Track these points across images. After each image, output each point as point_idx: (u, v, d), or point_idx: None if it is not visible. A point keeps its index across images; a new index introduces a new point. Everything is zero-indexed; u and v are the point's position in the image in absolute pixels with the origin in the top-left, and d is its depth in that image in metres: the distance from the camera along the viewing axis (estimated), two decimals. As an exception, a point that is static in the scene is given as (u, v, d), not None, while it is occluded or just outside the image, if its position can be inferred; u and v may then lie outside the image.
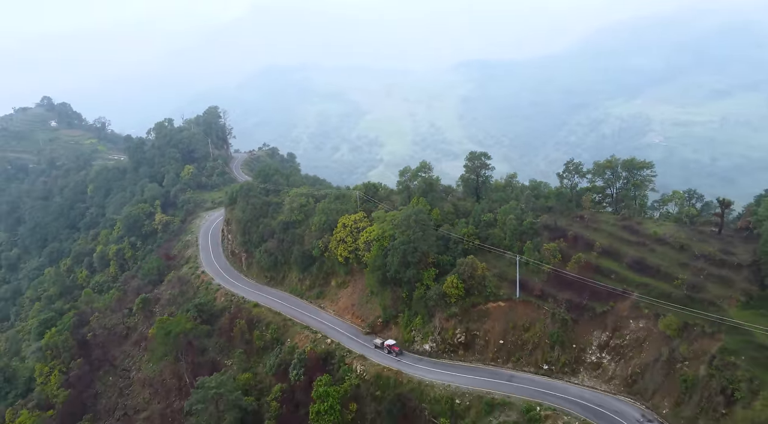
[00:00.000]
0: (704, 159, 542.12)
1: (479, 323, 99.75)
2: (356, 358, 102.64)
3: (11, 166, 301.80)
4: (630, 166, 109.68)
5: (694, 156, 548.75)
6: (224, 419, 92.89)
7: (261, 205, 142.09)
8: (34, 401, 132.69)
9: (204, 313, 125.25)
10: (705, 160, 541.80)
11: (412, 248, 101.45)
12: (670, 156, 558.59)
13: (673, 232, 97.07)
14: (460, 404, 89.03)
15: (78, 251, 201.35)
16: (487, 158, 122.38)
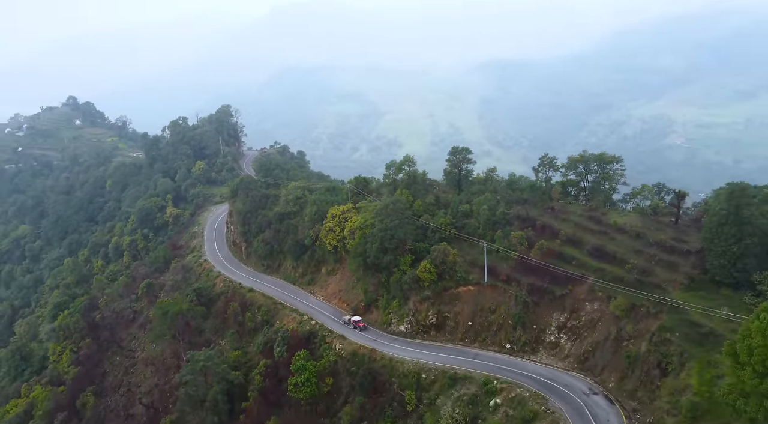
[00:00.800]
0: (727, 161, 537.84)
1: (450, 305, 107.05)
2: (336, 337, 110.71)
3: (37, 163, 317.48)
4: (600, 160, 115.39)
5: (717, 158, 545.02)
6: (212, 388, 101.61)
7: (260, 197, 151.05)
8: (47, 377, 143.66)
9: (202, 297, 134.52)
10: (728, 162, 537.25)
11: (389, 235, 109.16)
12: (692, 158, 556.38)
13: (633, 222, 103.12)
14: (426, 378, 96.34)
15: (94, 242, 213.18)
16: (468, 153, 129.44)
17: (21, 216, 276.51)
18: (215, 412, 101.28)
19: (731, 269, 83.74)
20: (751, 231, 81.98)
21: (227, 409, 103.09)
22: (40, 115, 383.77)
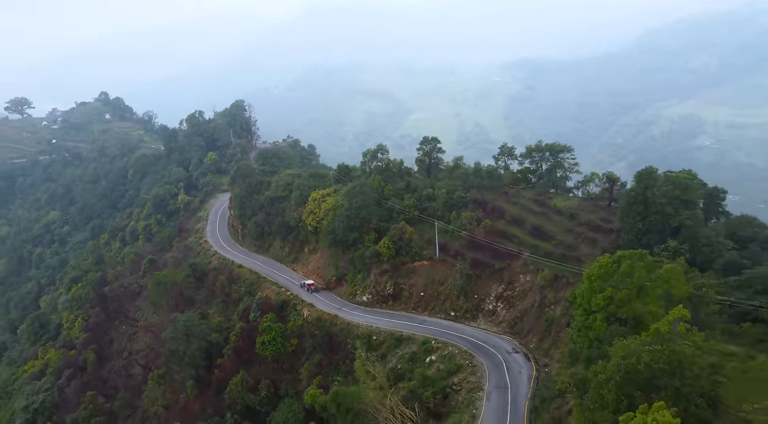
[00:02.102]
0: (759, 163, 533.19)
1: (406, 278, 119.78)
2: (306, 305, 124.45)
3: (68, 154, 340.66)
4: (552, 149, 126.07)
5: (748, 160, 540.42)
6: (191, 345, 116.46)
7: (255, 183, 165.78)
8: (61, 342, 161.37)
9: (197, 271, 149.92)
10: (760, 164, 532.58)
11: (354, 214, 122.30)
12: (721, 159, 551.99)
13: (572, 205, 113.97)
14: (376, 339, 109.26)
15: (114, 227, 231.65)
16: (437, 143, 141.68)
17: (52, 203, 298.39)
18: (194, 366, 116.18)
19: (637, 243, 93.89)
20: (654, 210, 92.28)
21: (205, 364, 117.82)
22: (74, 109, 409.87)
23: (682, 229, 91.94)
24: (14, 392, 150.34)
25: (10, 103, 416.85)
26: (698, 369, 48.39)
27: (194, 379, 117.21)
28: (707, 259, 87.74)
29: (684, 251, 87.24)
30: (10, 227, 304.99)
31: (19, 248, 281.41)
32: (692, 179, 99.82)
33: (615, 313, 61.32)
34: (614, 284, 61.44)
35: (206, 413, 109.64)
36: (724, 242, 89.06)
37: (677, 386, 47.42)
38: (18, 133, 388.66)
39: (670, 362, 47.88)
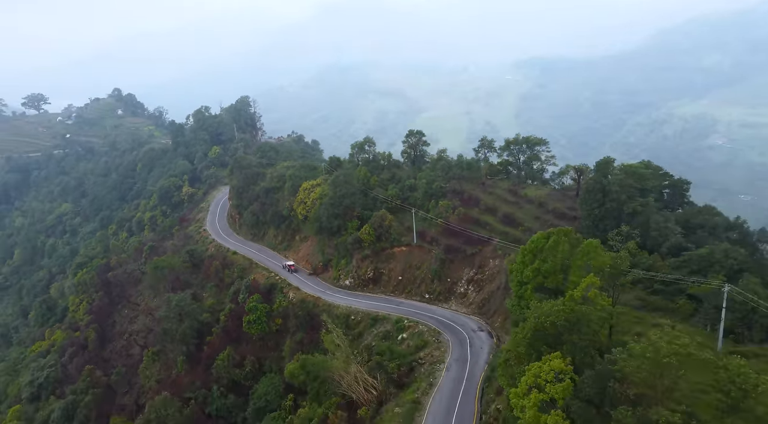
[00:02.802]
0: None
1: (386, 263, 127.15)
2: (292, 288, 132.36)
3: (81, 148, 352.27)
4: (527, 142, 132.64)
5: (761, 159, 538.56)
6: (183, 324, 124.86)
7: (252, 175, 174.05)
8: (66, 324, 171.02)
9: (194, 257, 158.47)
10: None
11: (338, 202, 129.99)
12: (734, 158, 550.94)
13: (542, 194, 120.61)
14: (354, 319, 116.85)
15: (121, 218, 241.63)
16: (422, 135, 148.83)
17: (65, 195, 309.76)
18: (185, 343, 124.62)
19: (594, 229, 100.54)
20: (610, 197, 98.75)
21: (195, 342, 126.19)
22: (88, 105, 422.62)
23: (635, 215, 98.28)
24: (22, 370, 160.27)
25: (27, 99, 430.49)
26: (594, 325, 55.18)
27: (185, 355, 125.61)
28: (656, 243, 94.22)
29: (635, 236, 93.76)
30: (24, 218, 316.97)
31: (33, 238, 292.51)
32: (647, 170, 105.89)
33: (542, 283, 68.20)
34: (542, 257, 68.30)
35: (195, 385, 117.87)
36: (672, 227, 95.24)
37: (575, 341, 54.33)
38: (34, 128, 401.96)
39: (569, 320, 54.76)
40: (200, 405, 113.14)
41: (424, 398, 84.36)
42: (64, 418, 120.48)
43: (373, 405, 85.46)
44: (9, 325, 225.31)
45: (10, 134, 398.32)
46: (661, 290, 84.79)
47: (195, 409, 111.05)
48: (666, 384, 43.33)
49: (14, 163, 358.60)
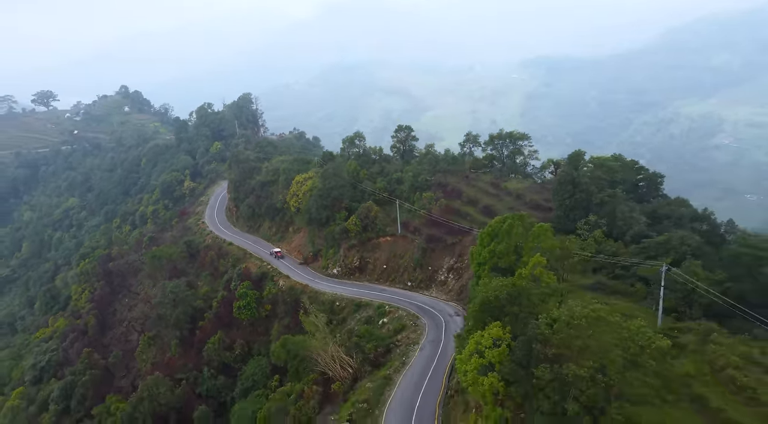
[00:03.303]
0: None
1: (371, 252, 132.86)
2: (282, 277, 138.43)
3: (89, 144, 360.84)
4: (510, 137, 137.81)
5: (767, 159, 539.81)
6: (177, 309, 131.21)
7: (248, 169, 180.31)
8: (69, 312, 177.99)
9: (191, 248, 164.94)
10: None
11: (326, 194, 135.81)
12: (740, 158, 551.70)
13: (521, 187, 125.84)
14: (338, 305, 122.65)
15: (125, 211, 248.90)
16: (411, 131, 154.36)
17: (71, 190, 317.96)
18: (178, 328, 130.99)
19: (565, 218, 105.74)
20: (580, 188, 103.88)
21: (189, 327, 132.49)
22: (96, 102, 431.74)
23: (603, 206, 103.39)
24: (25, 355, 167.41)
25: (37, 95, 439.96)
26: (534, 298, 60.56)
27: (179, 339, 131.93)
28: (621, 231, 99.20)
29: (602, 225, 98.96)
30: (32, 213, 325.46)
31: (41, 232, 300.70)
32: (616, 162, 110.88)
33: (497, 263, 73.64)
34: (498, 240, 73.76)
35: (187, 367, 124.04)
36: (637, 217, 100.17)
37: (516, 312, 59.77)
38: (43, 125, 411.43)
39: (511, 294, 60.21)
40: (191, 385, 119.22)
41: (395, 375, 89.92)
42: (62, 397, 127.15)
43: (347, 381, 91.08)
44: (15, 314, 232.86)
45: (19, 130, 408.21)
46: (622, 275, 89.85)
47: (186, 389, 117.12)
48: (579, 344, 48.71)
49: (23, 158, 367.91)
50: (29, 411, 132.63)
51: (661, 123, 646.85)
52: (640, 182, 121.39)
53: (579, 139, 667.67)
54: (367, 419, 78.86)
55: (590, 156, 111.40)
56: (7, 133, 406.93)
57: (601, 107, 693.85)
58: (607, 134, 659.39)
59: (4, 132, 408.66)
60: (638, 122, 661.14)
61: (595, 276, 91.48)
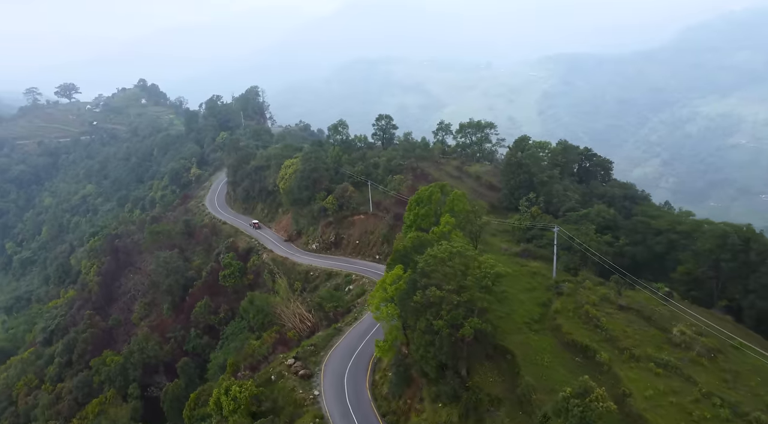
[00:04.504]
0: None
1: (346, 229, 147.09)
2: (266, 251, 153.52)
3: (107, 135, 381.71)
4: (478, 126, 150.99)
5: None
6: (169, 278, 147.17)
7: (244, 155, 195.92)
8: (79, 284, 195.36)
9: (189, 227, 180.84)
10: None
11: (307, 175, 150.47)
12: (757, 158, 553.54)
13: (482, 170, 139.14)
14: (312, 274, 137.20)
15: (136, 197, 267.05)
16: (390, 119, 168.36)
17: (89, 177, 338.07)
18: (170, 294, 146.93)
19: (511, 196, 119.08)
20: (524, 170, 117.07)
21: (180, 293, 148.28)
22: (115, 95, 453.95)
23: (544, 185, 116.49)
24: (39, 321, 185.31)
25: (60, 88, 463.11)
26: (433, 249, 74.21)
27: (170, 304, 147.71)
28: (556, 207, 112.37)
29: (540, 202, 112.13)
30: (52, 198, 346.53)
31: (60, 216, 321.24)
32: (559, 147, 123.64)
33: (420, 225, 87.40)
34: (422, 205, 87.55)
35: (176, 328, 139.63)
36: (571, 195, 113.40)
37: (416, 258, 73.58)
38: (65, 116, 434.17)
39: (414, 244, 74.07)
40: (179, 343, 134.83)
41: (346, 327, 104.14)
42: (65, 351, 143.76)
43: (305, 333, 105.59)
44: (33, 292, 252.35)
45: (43, 121, 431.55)
46: (548, 244, 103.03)
47: (174, 346, 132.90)
48: (445, 271, 62.40)
49: (45, 147, 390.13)
50: (37, 364, 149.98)
51: (678, 122, 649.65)
52: (588, 166, 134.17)
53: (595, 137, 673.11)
54: (312, 357, 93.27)
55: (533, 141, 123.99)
56: (32, 123, 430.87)
57: (619, 105, 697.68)
58: (624, 132, 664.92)
59: (28, 122, 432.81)
60: (655, 121, 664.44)
61: (525, 245, 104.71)
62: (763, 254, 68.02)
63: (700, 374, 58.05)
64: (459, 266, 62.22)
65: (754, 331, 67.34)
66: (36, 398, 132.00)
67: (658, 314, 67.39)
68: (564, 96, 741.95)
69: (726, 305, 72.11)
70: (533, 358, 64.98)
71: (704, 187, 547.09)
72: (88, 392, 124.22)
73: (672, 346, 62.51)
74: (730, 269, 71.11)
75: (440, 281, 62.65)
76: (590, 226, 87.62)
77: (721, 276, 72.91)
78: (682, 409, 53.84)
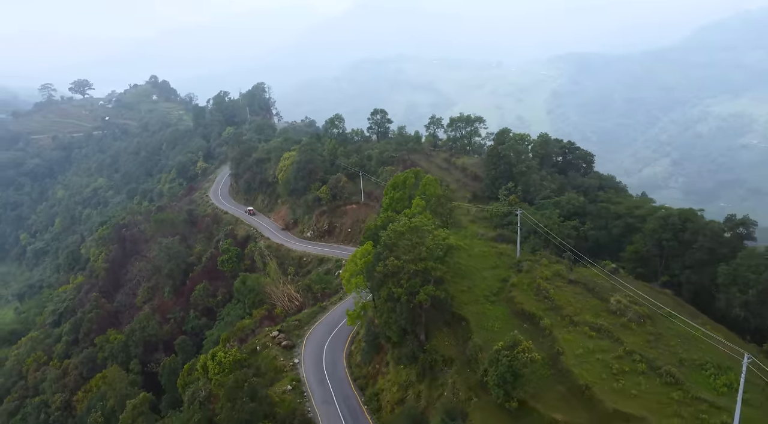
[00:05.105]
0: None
1: (339, 218, 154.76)
2: (263, 238, 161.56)
3: (118, 130, 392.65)
4: (467, 120, 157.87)
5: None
6: (170, 262, 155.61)
7: (246, 148, 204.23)
8: (88, 271, 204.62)
9: (192, 216, 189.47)
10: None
11: (303, 166, 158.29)
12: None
13: (468, 162, 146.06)
14: (305, 260, 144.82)
15: (144, 189, 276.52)
16: (385, 114, 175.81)
17: (100, 171, 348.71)
18: (171, 278, 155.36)
19: (492, 186, 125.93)
20: (504, 161, 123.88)
21: (181, 278, 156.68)
22: (127, 91, 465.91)
23: (522, 175, 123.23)
24: (48, 304, 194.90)
25: (74, 84, 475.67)
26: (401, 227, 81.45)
27: (171, 287, 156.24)
28: (533, 196, 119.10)
29: (518, 191, 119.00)
30: (65, 191, 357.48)
31: (72, 208, 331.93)
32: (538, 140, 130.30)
33: (395, 208, 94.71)
34: (397, 189, 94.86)
35: (176, 309, 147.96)
36: (547, 185, 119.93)
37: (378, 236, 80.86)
38: (78, 111, 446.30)
39: (383, 223, 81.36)
40: (179, 324, 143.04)
41: (331, 306, 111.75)
42: (72, 330, 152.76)
43: (293, 311, 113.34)
44: (45, 280, 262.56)
45: (57, 116, 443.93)
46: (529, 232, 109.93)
47: (174, 326, 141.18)
48: (404, 243, 69.73)
49: (59, 141, 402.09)
50: (46, 342, 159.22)
51: (689, 121, 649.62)
52: (571, 159, 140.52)
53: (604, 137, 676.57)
54: (295, 330, 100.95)
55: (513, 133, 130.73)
56: (46, 118, 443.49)
57: (628, 105, 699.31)
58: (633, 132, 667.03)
59: (43, 117, 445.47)
60: (665, 120, 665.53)
61: (501, 230, 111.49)
62: (696, 233, 74.47)
63: (627, 336, 64.87)
64: (416, 238, 69.47)
65: (691, 303, 73.79)
66: (44, 373, 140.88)
67: (600, 287, 74.17)
68: (573, 95, 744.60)
69: (667, 280, 78.64)
70: (485, 324, 72.02)
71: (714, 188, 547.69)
72: (93, 368, 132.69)
73: (608, 313, 69.32)
74: (670, 247, 77.64)
75: (399, 253, 69.98)
76: (554, 211, 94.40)
77: (663, 254, 79.43)
78: (605, 364, 60.73)
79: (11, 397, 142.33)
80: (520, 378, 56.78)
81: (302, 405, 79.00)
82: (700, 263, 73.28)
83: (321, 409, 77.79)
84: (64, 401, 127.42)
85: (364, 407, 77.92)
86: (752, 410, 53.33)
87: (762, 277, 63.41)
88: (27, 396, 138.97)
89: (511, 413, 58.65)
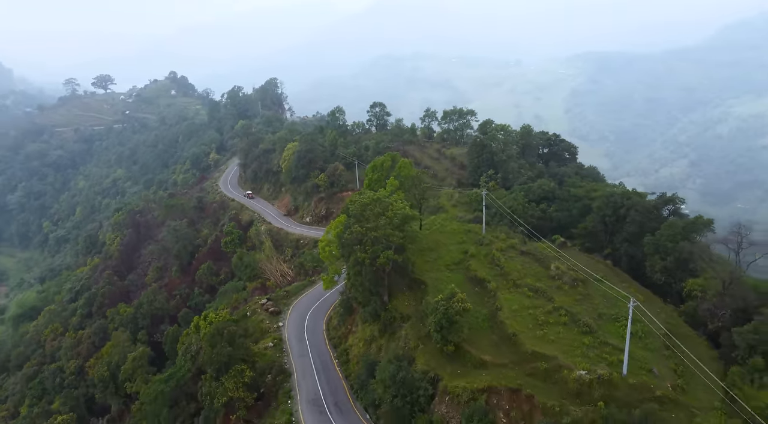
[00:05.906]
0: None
1: (336, 204, 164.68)
2: (264, 223, 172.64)
3: (137, 123, 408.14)
4: (460, 113, 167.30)
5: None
6: (178, 244, 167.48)
7: (254, 140, 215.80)
8: (103, 254, 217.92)
9: (201, 203, 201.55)
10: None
11: (303, 155, 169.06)
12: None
13: (458, 152, 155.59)
14: (302, 242, 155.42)
15: (160, 179, 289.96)
16: (384, 107, 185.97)
17: (119, 162, 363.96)
18: (178, 258, 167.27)
19: (474, 173, 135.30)
20: (486, 150, 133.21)
21: (187, 258, 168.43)
22: (147, 86, 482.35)
23: (503, 163, 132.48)
24: (66, 284, 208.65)
25: (96, 79, 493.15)
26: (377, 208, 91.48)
27: (178, 267, 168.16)
28: (511, 182, 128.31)
29: (497, 178, 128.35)
30: (86, 182, 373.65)
31: (92, 198, 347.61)
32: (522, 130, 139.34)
33: (374, 188, 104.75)
34: (375, 171, 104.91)
35: (182, 287, 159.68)
36: (525, 172, 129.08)
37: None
38: (100, 106, 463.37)
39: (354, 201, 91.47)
40: (184, 300, 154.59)
41: (319, 280, 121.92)
42: (86, 304, 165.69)
43: (284, 285, 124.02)
44: (64, 264, 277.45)
45: (80, 110, 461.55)
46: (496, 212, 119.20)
47: (179, 302, 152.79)
48: (368, 214, 79.87)
49: (81, 134, 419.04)
50: (62, 315, 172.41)
51: (709, 122, 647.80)
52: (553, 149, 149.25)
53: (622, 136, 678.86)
54: (283, 300, 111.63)
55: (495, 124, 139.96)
56: (70, 112, 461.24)
57: (648, 105, 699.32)
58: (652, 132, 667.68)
59: (67, 111, 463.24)
60: (685, 121, 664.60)
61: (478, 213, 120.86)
62: (631, 209, 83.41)
63: (559, 296, 74.22)
64: (377, 209, 79.58)
65: (627, 271, 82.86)
66: (60, 342, 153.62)
67: (546, 257, 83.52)
68: (591, 94, 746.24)
69: (609, 253, 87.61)
70: (441, 287, 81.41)
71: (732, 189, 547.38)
72: (104, 337, 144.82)
73: (548, 278, 78.70)
74: (611, 223, 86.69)
75: (364, 222, 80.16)
76: (519, 194, 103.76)
77: (607, 230, 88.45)
78: (534, 318, 70.19)
79: (30, 363, 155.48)
80: (454, 324, 66.59)
81: (281, 358, 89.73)
82: (633, 235, 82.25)
83: (297, 361, 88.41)
84: (77, 366, 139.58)
85: (336, 360, 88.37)
86: (648, 353, 62.70)
87: (678, 246, 72.28)
88: (44, 362, 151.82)
89: (448, 356, 68.54)
